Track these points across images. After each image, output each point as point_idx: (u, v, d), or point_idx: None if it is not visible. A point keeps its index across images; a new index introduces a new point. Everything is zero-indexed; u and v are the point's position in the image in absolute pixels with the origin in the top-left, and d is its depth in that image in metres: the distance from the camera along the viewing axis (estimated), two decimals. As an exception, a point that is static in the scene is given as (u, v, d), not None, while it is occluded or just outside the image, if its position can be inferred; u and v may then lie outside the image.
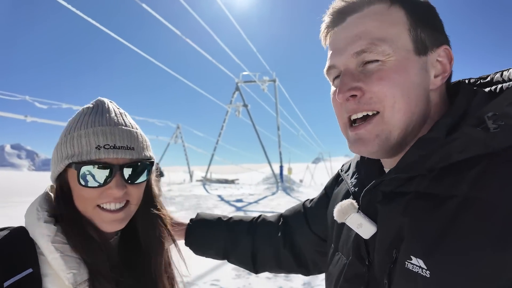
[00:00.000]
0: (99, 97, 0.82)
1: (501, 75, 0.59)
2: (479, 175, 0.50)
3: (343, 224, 0.73)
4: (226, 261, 1.08)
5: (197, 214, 1.12)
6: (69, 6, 10.26)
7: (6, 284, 0.63)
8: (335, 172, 0.99)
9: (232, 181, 30.15)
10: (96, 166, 0.72)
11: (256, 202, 13.98)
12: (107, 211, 0.75)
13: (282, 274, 4.40)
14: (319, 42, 0.71)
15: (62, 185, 0.77)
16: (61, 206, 0.76)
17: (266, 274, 4.40)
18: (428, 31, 0.61)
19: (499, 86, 0.57)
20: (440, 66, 0.62)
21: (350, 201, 0.67)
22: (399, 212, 0.58)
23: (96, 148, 0.72)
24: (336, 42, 0.64)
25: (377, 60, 0.59)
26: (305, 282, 4.11)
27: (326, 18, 0.67)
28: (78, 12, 11.09)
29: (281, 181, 24.73)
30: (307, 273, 1.02)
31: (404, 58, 0.59)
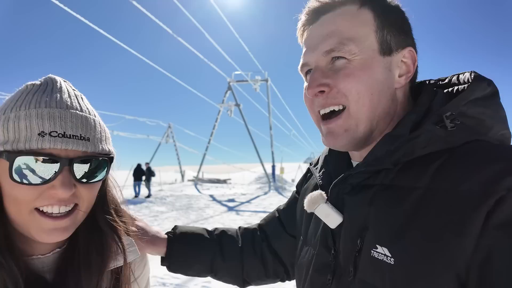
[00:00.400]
0: (49, 75, 0.65)
1: (458, 78, 0.66)
2: (439, 168, 0.55)
3: (311, 217, 0.78)
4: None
5: (175, 227, 1.01)
6: (57, 2, 10.05)
7: None
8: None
9: (224, 181, 30.05)
10: (37, 158, 0.55)
11: (248, 201, 13.95)
12: (48, 216, 0.58)
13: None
14: None
15: None
16: None
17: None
18: (394, 33, 0.65)
19: (456, 88, 0.64)
20: (404, 67, 0.67)
21: (319, 192, 0.70)
22: (365, 203, 0.62)
23: (39, 134, 0.55)
24: (309, 40, 0.68)
25: (344, 58, 0.63)
26: (297, 282, 4.10)
27: (302, 17, 0.70)
28: (66, 8, 10.87)
29: (273, 181, 24.76)
30: (288, 278, 1.00)
31: (369, 57, 0.63)
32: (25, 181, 0.56)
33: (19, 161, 0.55)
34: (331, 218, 0.67)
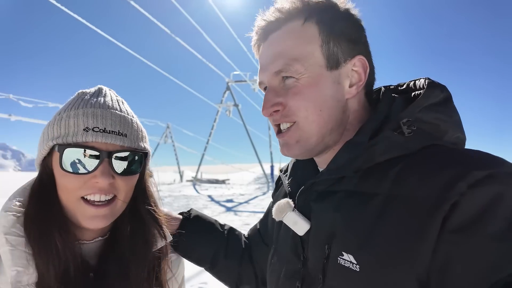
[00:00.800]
0: (99, 85, 0.76)
1: (414, 84, 0.67)
2: (398, 174, 0.56)
3: (281, 225, 0.79)
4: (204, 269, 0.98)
5: (191, 209, 1.03)
6: (54, 2, 10.02)
7: None
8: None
9: (223, 181, 30.04)
10: (82, 149, 0.65)
11: (246, 202, 13.95)
12: (91, 204, 0.67)
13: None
14: None
15: (46, 172, 0.69)
16: (33, 196, 0.68)
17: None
18: (342, 43, 0.65)
19: (413, 93, 0.65)
20: (356, 75, 0.66)
21: (286, 200, 0.71)
22: (331, 209, 0.63)
23: (84, 130, 0.65)
24: (261, 60, 0.70)
25: (293, 77, 0.64)
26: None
27: (254, 35, 0.72)
28: (64, 8, 10.84)
29: (272, 181, 24.77)
30: None
31: (316, 74, 0.64)
32: (72, 170, 0.65)
33: (67, 152, 0.65)
34: (299, 225, 0.68)
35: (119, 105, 0.72)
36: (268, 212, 0.98)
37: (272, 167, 25.93)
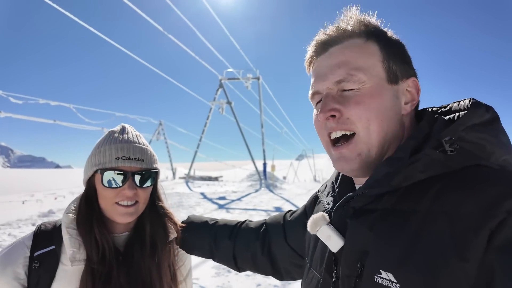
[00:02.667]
0: (122, 123, 1.08)
1: (458, 104, 0.68)
2: (439, 191, 0.56)
3: (317, 242, 0.79)
4: (207, 260, 1.18)
5: (188, 217, 1.24)
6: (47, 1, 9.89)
7: (35, 254, 0.93)
8: (318, 168, 1.05)
9: (216, 178, 30.05)
10: (115, 172, 0.96)
11: (239, 199, 14.03)
12: (122, 206, 0.97)
13: (261, 272, 4.49)
14: (303, 41, 0.80)
15: (90, 187, 1.01)
16: (82, 203, 1.01)
17: (245, 272, 4.49)
18: (399, 63, 0.68)
19: (457, 114, 0.66)
20: (409, 95, 0.70)
21: (321, 213, 0.72)
22: (365, 227, 0.62)
23: (115, 158, 0.96)
24: (319, 70, 0.71)
25: (354, 89, 0.66)
26: (283, 279, 4.21)
27: (311, 49, 0.74)
28: (54, 5, 10.70)
29: (265, 178, 24.87)
30: (280, 278, 1.09)
31: (378, 85, 0.66)
32: (109, 186, 0.96)
33: (106, 174, 0.96)
34: (333, 240, 0.67)
35: (137, 139, 1.04)
36: (298, 218, 1.04)
37: (264, 164, 26.01)
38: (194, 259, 1.25)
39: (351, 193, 0.67)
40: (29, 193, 15.00)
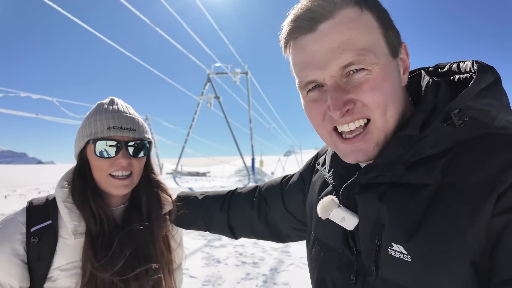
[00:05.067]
0: (110, 96, 1.07)
1: (458, 66, 0.64)
2: (448, 163, 0.55)
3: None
4: (196, 250, 1.20)
5: (177, 194, 1.24)
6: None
7: (32, 229, 0.92)
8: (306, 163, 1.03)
9: (204, 174, 29.91)
10: (108, 141, 0.95)
11: (227, 194, 14.05)
12: (117, 178, 0.98)
13: (250, 261, 4.54)
14: None
15: (82, 160, 1.01)
16: (75, 177, 1.00)
17: (234, 261, 4.54)
18: (393, 31, 0.62)
19: (457, 76, 0.63)
20: (402, 63, 0.64)
21: (330, 197, 0.69)
22: (376, 200, 0.61)
23: (107, 128, 0.96)
24: (313, 55, 0.60)
25: (365, 69, 0.58)
26: (272, 268, 4.27)
27: (288, 26, 0.62)
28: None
29: (253, 174, 24.95)
30: (280, 241, 1.11)
31: (387, 64, 0.60)
32: (103, 155, 0.95)
33: (99, 144, 0.95)
34: (348, 221, 0.66)
35: (128, 110, 1.04)
36: (295, 185, 1.03)
37: (253, 159, 26.06)
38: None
39: (362, 175, 0.63)
40: (10, 188, 14.57)
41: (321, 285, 0.75)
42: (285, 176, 1.12)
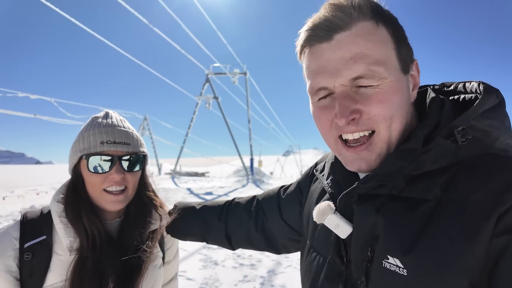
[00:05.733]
0: (105, 109, 1.06)
1: (464, 86, 0.66)
2: (449, 180, 0.56)
3: (318, 224, 0.76)
4: (194, 253, 1.20)
5: (174, 205, 1.22)
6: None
7: (26, 245, 0.89)
8: (305, 164, 1.05)
9: (202, 174, 29.89)
10: (101, 156, 0.94)
11: (226, 194, 14.06)
12: (111, 193, 0.96)
13: (248, 263, 4.55)
14: (291, 37, 0.69)
15: (76, 175, 0.99)
16: (69, 191, 0.98)
17: (231, 264, 4.54)
18: (406, 47, 0.64)
19: (462, 96, 0.64)
20: (412, 80, 0.66)
21: (327, 203, 0.70)
22: (373, 212, 0.62)
23: (100, 143, 0.94)
24: (327, 63, 0.61)
25: (372, 85, 0.59)
26: (270, 270, 4.28)
27: (306, 33, 0.64)
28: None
29: (252, 174, 24.96)
30: (276, 253, 1.10)
31: (397, 79, 0.61)
32: (96, 170, 0.94)
33: (92, 159, 0.93)
34: (341, 228, 0.67)
35: (122, 123, 1.01)
36: (292, 194, 1.03)
37: (251, 160, 26.07)
38: (181, 253, 1.29)
39: (359, 185, 0.64)
40: (8, 189, 14.52)
41: None
42: (283, 186, 1.12)
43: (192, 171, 32.38)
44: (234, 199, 1.22)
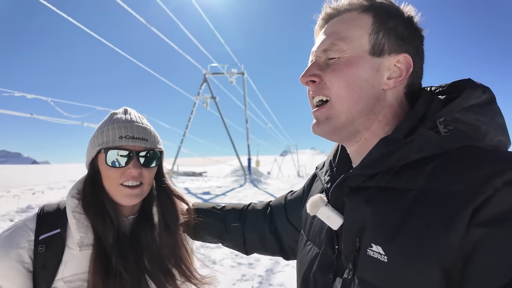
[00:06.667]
0: (124, 106, 1.07)
1: (456, 84, 0.68)
2: (432, 171, 0.57)
3: (315, 217, 0.82)
4: (193, 248, 1.19)
5: (192, 204, 1.23)
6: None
7: (40, 237, 0.91)
8: (302, 164, 1.09)
9: (200, 174, 29.88)
10: (119, 151, 0.95)
11: (223, 194, 14.05)
12: (127, 187, 0.96)
13: (246, 262, 4.56)
14: (288, 36, 0.91)
15: (94, 169, 1.00)
16: (86, 186, 1.00)
17: (229, 263, 4.56)
18: (392, 37, 0.68)
19: (453, 95, 0.66)
20: (398, 71, 0.69)
21: (319, 195, 0.74)
22: (362, 203, 0.65)
23: (119, 137, 0.95)
24: (317, 40, 0.76)
25: (335, 57, 0.69)
26: (268, 269, 4.29)
27: (318, 20, 0.78)
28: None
29: (249, 173, 24.97)
30: (286, 258, 1.13)
31: (357, 55, 0.67)
32: (113, 165, 0.95)
33: (110, 153, 0.95)
34: (332, 220, 0.70)
35: (141, 120, 1.03)
36: (297, 197, 1.09)
37: (249, 159, 26.08)
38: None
39: (346, 174, 0.69)
40: (4, 189, 14.44)
41: (304, 285, 0.79)
42: (292, 191, 1.17)
43: (189, 171, 32.36)
44: (251, 203, 1.25)
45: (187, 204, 1.14)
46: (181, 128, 28.36)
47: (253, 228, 1.15)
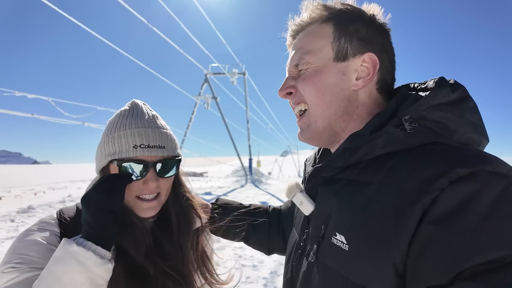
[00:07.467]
0: (133, 99, 0.95)
1: (433, 82, 0.68)
2: (392, 166, 0.61)
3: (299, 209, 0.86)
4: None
5: (217, 199, 1.24)
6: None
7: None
8: (302, 164, 1.09)
9: (201, 174, 29.85)
10: (134, 162, 0.84)
11: (224, 194, 13.99)
12: (143, 200, 0.88)
13: (250, 264, 4.51)
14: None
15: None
16: None
17: (233, 264, 4.49)
18: (354, 41, 0.72)
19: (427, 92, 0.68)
20: (366, 70, 0.72)
21: (296, 182, 0.81)
22: (331, 194, 0.70)
23: (133, 147, 0.84)
24: (289, 56, 0.82)
25: (304, 69, 0.75)
26: (272, 271, 4.25)
27: (288, 37, 0.84)
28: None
29: (250, 174, 24.94)
30: None
31: (323, 65, 0.73)
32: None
33: (124, 165, 0.84)
34: (305, 206, 0.77)
35: (155, 121, 0.91)
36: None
37: (250, 160, 26.05)
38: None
39: (317, 165, 0.75)
40: (5, 189, 14.41)
41: (285, 267, 0.87)
42: None
43: (190, 171, 32.33)
44: (270, 205, 1.26)
45: (200, 219, 1.04)
46: (182, 128, 28.41)
47: (276, 229, 1.16)
